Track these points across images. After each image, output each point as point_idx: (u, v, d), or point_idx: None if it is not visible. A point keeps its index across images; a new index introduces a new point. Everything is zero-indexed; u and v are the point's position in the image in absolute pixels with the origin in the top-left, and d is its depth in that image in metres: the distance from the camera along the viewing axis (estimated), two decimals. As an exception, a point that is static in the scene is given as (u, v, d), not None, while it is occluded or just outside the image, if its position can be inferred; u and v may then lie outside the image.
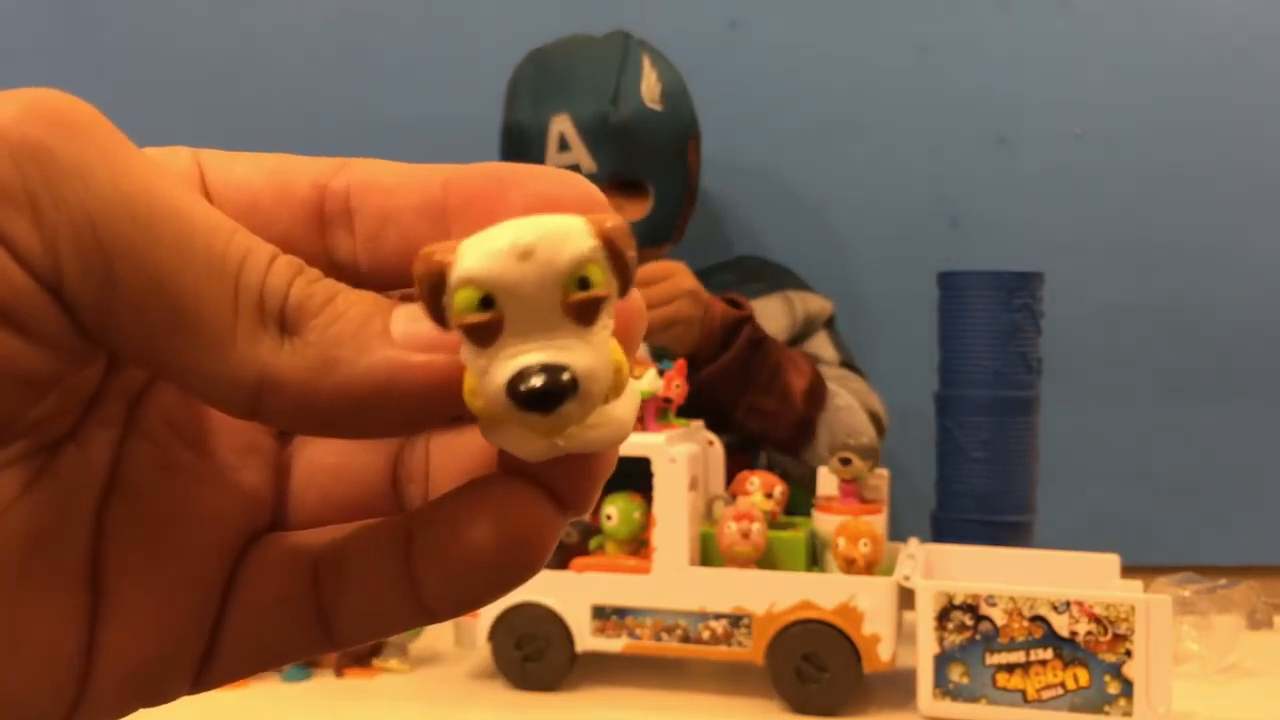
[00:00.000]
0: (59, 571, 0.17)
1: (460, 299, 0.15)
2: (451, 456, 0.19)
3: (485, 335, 0.15)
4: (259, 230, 0.17)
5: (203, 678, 0.19)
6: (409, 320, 0.16)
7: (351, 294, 0.16)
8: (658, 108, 1.19)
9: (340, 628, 0.18)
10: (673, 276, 1.08)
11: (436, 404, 0.16)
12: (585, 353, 0.15)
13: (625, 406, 0.17)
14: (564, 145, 1.17)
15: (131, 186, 0.15)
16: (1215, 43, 1.47)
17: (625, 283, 0.16)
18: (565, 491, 0.17)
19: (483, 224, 0.16)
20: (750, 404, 1.12)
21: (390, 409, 0.16)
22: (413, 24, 1.54)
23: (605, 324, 0.16)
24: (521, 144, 1.20)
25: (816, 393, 1.15)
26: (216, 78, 1.54)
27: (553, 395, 0.15)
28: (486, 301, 0.15)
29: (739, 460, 1.02)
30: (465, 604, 0.17)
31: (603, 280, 0.16)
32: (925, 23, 1.50)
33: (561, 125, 1.17)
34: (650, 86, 1.19)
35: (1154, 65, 1.47)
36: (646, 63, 1.21)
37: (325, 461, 0.20)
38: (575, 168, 1.15)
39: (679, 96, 1.23)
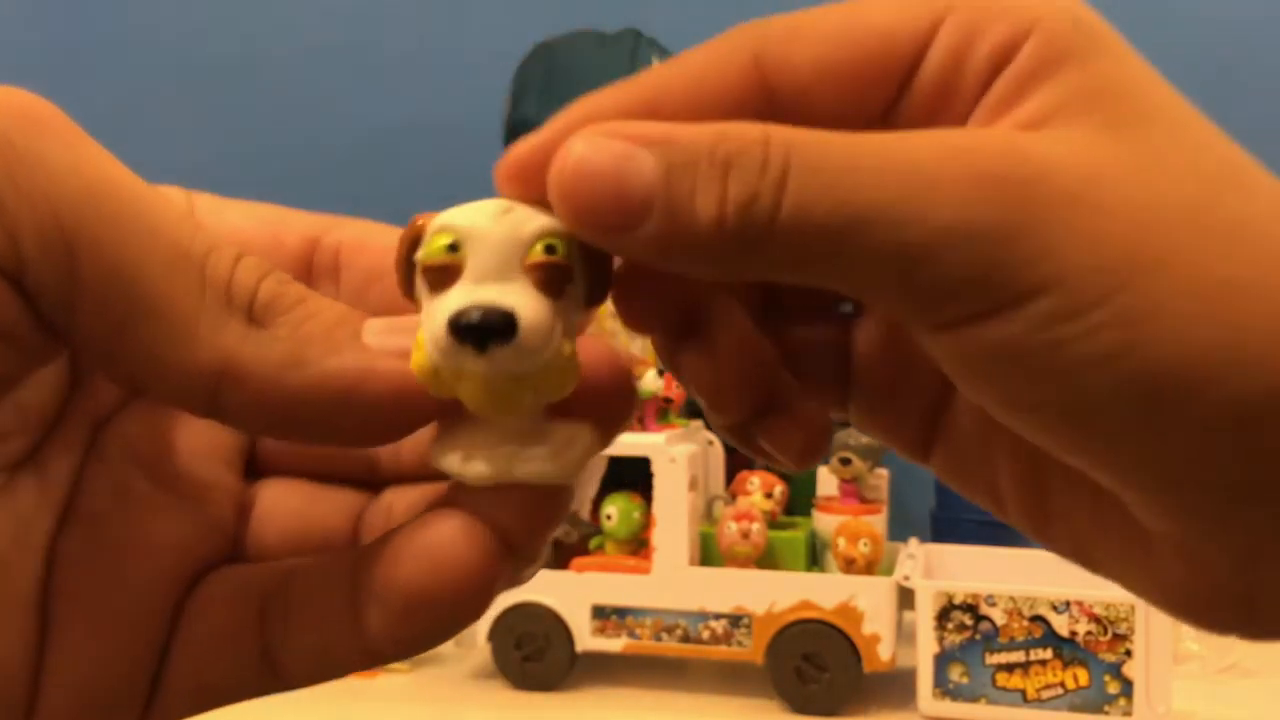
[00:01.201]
0: (9, 596, 0.17)
1: (431, 244, 0.16)
2: (414, 512, 0.18)
3: (444, 277, 0.16)
4: None
5: (150, 712, 0.18)
6: (381, 331, 0.16)
7: (321, 299, 0.16)
8: None
9: (287, 666, 0.17)
10: None
11: (400, 413, 0.16)
12: (534, 309, 0.16)
13: (576, 449, 0.17)
14: None
15: (94, 178, 0.15)
16: (1215, 42, 1.47)
17: (596, 285, 0.17)
18: (510, 528, 0.17)
19: None
20: None
21: (354, 413, 0.16)
22: (413, 23, 1.54)
23: (567, 307, 0.16)
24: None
25: None
26: (216, 78, 1.54)
27: (486, 329, 0.15)
28: (453, 248, 0.16)
29: (739, 460, 1.02)
30: (407, 645, 0.17)
31: (565, 253, 0.16)
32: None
33: None
34: None
35: (1154, 65, 1.47)
36: (655, 62, 1.21)
37: (289, 503, 0.20)
38: None
39: None
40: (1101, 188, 0.15)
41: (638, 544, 0.82)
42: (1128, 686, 0.71)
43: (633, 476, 0.82)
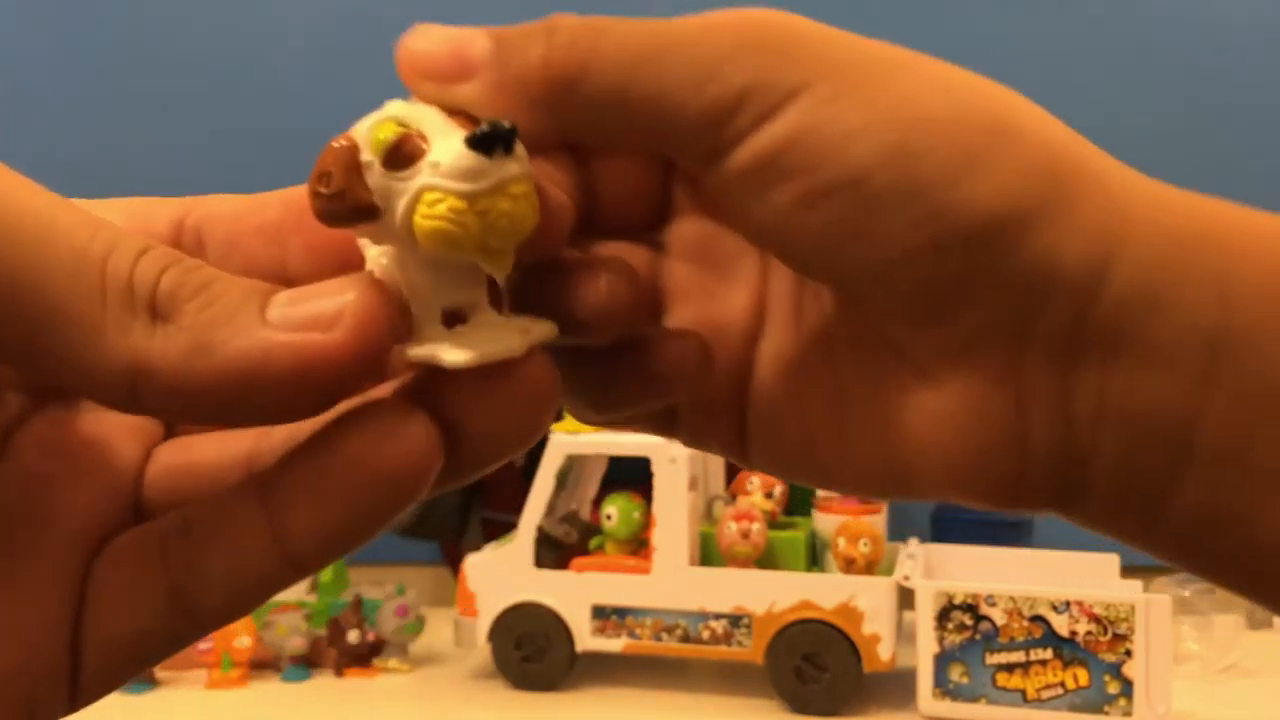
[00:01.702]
0: None
1: (380, 133, 0.16)
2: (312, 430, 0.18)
3: (410, 149, 0.16)
4: None
5: (79, 685, 0.18)
6: (287, 303, 0.16)
7: (230, 280, 0.16)
8: None
9: (199, 601, 0.17)
10: None
11: (312, 384, 0.16)
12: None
13: (540, 329, 0.18)
14: None
15: None
16: (1215, 43, 1.47)
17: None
18: (463, 416, 0.17)
19: (316, 238, 0.17)
20: None
21: (264, 391, 0.16)
22: (411, 23, 1.54)
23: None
24: None
25: None
26: (215, 79, 1.54)
27: (506, 131, 0.16)
28: (401, 127, 0.17)
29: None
30: (336, 544, 0.17)
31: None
32: (925, 22, 1.50)
33: None
34: None
35: (1154, 65, 1.47)
36: None
37: (178, 459, 0.20)
38: None
39: None
40: (837, 37, 0.21)
41: (638, 544, 0.82)
42: (1128, 686, 0.71)
43: (633, 476, 0.82)
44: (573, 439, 0.81)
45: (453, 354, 0.17)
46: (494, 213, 0.16)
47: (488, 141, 0.16)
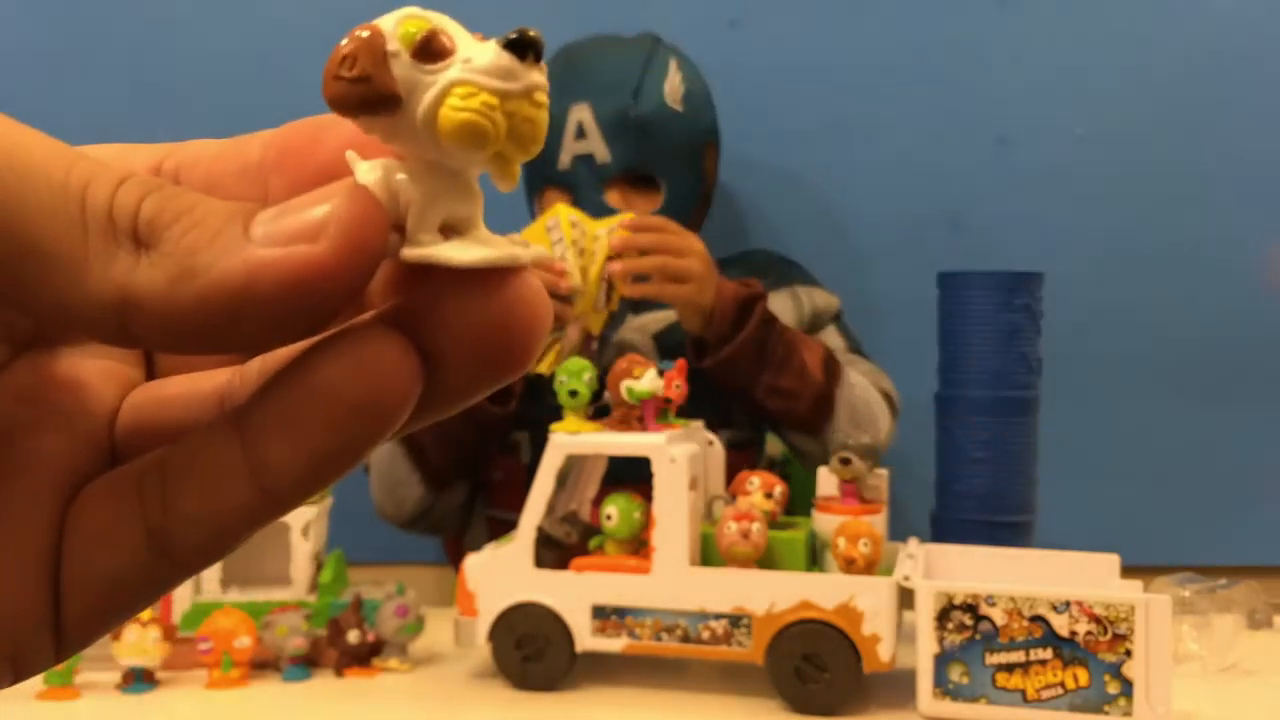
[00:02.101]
0: None
1: (410, 26, 0.16)
2: (288, 359, 0.17)
3: (441, 46, 0.16)
4: None
5: (61, 633, 0.17)
6: (270, 219, 0.15)
7: (212, 203, 0.16)
8: (678, 109, 1.21)
9: (176, 540, 0.17)
10: (686, 235, 1.09)
11: (303, 300, 0.15)
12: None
13: (533, 248, 0.17)
14: (580, 133, 1.17)
15: None
16: (1215, 43, 1.47)
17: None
18: (438, 341, 0.16)
19: (299, 175, 0.17)
20: (770, 384, 1.10)
21: (253, 312, 0.15)
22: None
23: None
24: None
25: (831, 367, 1.14)
26: (215, 79, 1.54)
27: (536, 42, 0.16)
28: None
29: (740, 459, 1.02)
30: (313, 474, 0.16)
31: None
32: (925, 23, 1.50)
33: (580, 114, 1.17)
34: (673, 88, 1.21)
35: (1154, 65, 1.47)
36: (674, 66, 1.22)
37: (150, 402, 0.19)
38: (590, 157, 1.16)
39: (701, 102, 1.24)
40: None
41: (638, 544, 0.82)
42: (1128, 686, 0.71)
43: (633, 476, 0.82)
44: (573, 439, 0.81)
45: (459, 253, 0.16)
46: (519, 116, 0.16)
47: (523, 45, 0.16)
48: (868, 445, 0.83)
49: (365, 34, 0.16)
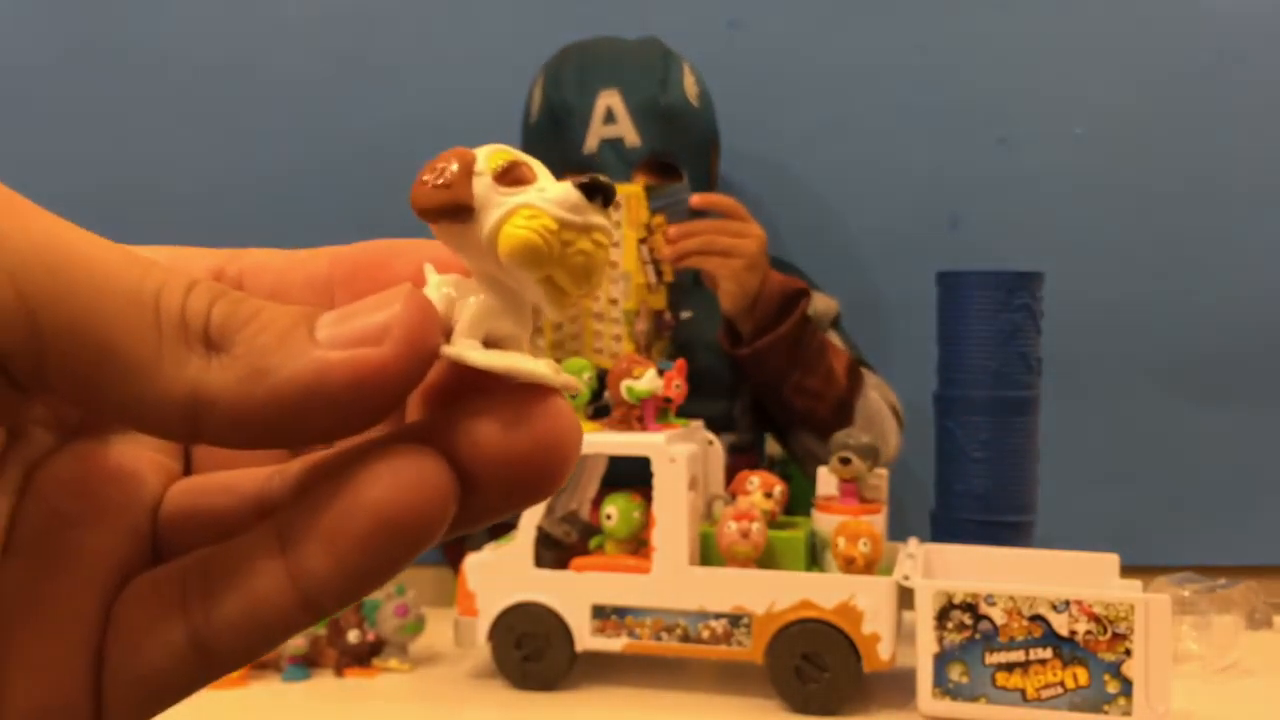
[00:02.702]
0: None
1: (498, 155, 0.18)
2: (331, 462, 0.18)
3: (521, 175, 0.18)
4: None
5: None
6: (333, 323, 0.16)
7: (276, 307, 0.17)
8: (696, 105, 1.23)
9: (216, 644, 0.17)
10: (748, 220, 1.11)
11: (366, 399, 0.16)
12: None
13: (567, 376, 0.18)
14: (610, 118, 1.17)
15: (41, 238, 0.16)
16: (1215, 43, 1.47)
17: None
18: (474, 465, 0.17)
19: (366, 292, 0.17)
20: (798, 382, 1.13)
21: (321, 410, 0.16)
22: (411, 25, 1.54)
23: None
24: (560, 123, 1.19)
25: (854, 376, 1.17)
26: (216, 79, 1.54)
27: (607, 189, 0.18)
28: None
29: (741, 462, 1.02)
30: (353, 586, 0.17)
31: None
32: (925, 23, 1.50)
33: (610, 100, 1.18)
34: (690, 85, 1.22)
35: (1154, 65, 1.47)
36: (687, 68, 1.25)
37: (192, 497, 0.20)
38: (619, 141, 1.16)
39: (709, 102, 1.27)
40: None
41: (638, 544, 0.82)
42: (1127, 686, 0.71)
43: (633, 476, 0.82)
44: (573, 439, 0.81)
45: (483, 356, 0.17)
46: (575, 247, 0.18)
47: (593, 187, 0.18)
48: (868, 445, 0.83)
49: (458, 152, 0.18)
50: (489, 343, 0.18)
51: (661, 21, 1.34)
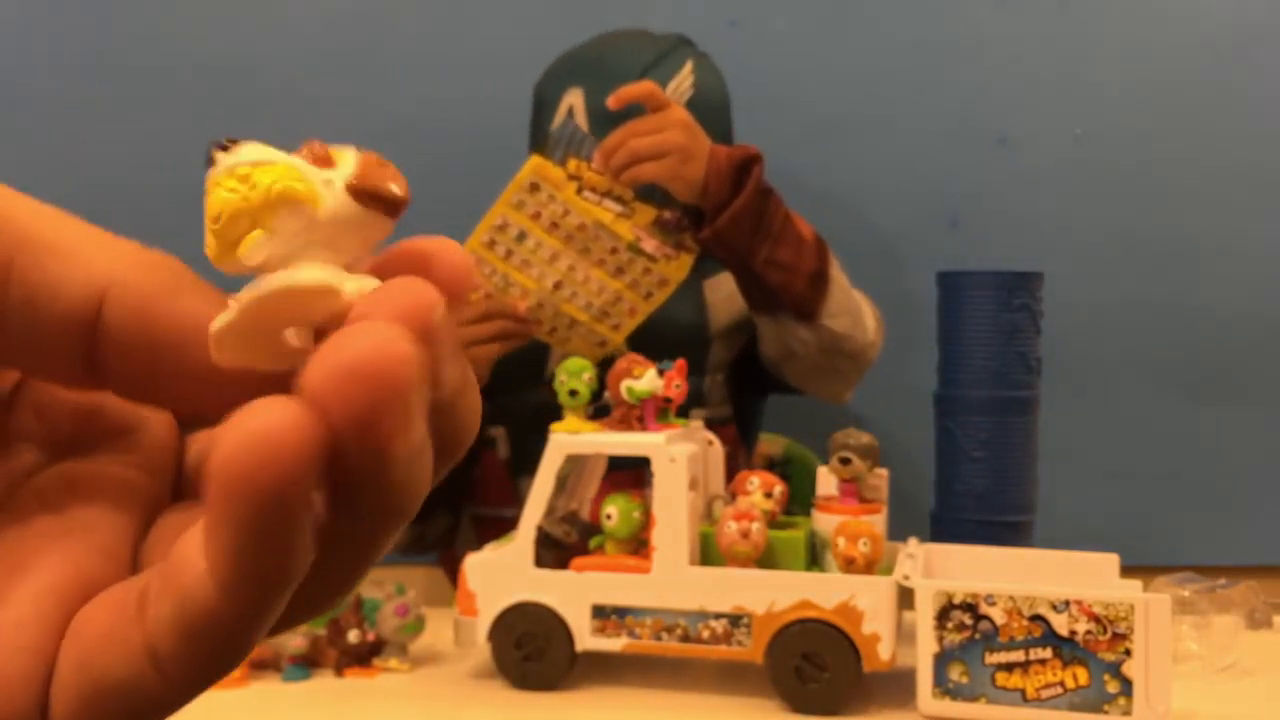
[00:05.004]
0: None
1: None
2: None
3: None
4: None
5: None
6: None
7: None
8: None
9: (166, 656, 0.17)
10: (664, 109, 1.07)
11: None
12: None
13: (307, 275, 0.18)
14: (570, 118, 1.17)
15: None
16: (1215, 42, 1.47)
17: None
18: (313, 404, 0.16)
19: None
20: (768, 255, 1.10)
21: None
22: (412, 25, 1.54)
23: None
24: (536, 113, 1.22)
25: (822, 245, 1.14)
26: (216, 79, 1.54)
27: (215, 144, 0.19)
28: None
29: (739, 460, 1.02)
30: (251, 581, 0.16)
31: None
32: (925, 23, 1.50)
33: (573, 99, 1.18)
34: (679, 86, 1.19)
35: (1154, 65, 1.47)
36: (688, 68, 1.21)
37: (170, 523, 0.20)
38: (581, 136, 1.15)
39: (711, 109, 1.20)
40: None
41: (638, 544, 0.82)
42: (1127, 686, 0.71)
43: (633, 476, 0.82)
44: (573, 439, 0.82)
45: (243, 295, 0.17)
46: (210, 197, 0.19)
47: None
48: (868, 445, 0.83)
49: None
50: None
51: (661, 21, 1.34)
